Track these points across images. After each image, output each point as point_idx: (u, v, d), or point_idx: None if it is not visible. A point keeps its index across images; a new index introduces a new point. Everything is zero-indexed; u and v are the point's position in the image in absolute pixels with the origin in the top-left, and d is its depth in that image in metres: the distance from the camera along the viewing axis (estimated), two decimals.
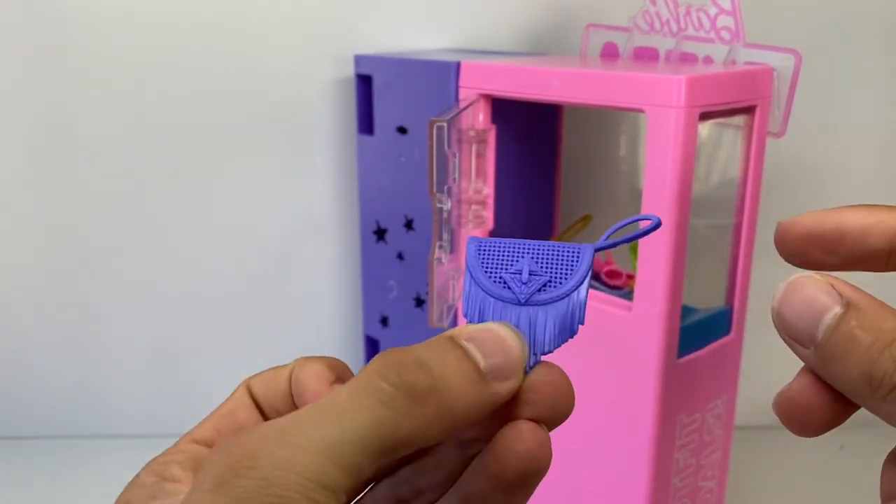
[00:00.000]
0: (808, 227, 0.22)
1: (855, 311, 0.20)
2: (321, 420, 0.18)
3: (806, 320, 0.20)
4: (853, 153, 0.71)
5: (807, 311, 0.20)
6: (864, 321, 0.20)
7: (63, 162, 0.66)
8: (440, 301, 0.48)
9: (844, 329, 0.20)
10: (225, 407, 0.26)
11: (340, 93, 0.67)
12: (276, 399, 0.25)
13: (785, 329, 0.21)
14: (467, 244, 0.23)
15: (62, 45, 0.64)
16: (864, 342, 0.19)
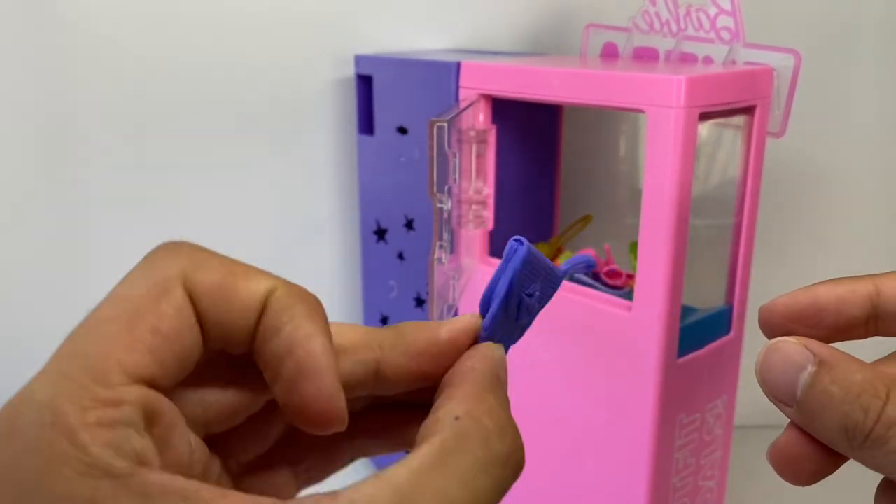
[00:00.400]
0: (787, 308, 0.24)
1: (827, 368, 0.21)
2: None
3: (785, 381, 0.22)
4: (853, 153, 0.71)
5: (784, 372, 0.22)
6: (835, 376, 0.21)
7: (64, 163, 0.66)
8: (440, 301, 0.48)
9: (819, 386, 0.21)
10: (163, 321, 0.18)
11: (341, 93, 0.67)
12: (233, 326, 0.20)
13: (768, 391, 0.22)
14: (514, 247, 0.24)
15: (63, 46, 0.64)
16: (837, 396, 0.21)
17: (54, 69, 0.64)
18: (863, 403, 0.21)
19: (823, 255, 0.74)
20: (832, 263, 0.74)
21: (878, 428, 0.20)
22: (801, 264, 0.74)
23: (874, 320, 0.24)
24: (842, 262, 0.75)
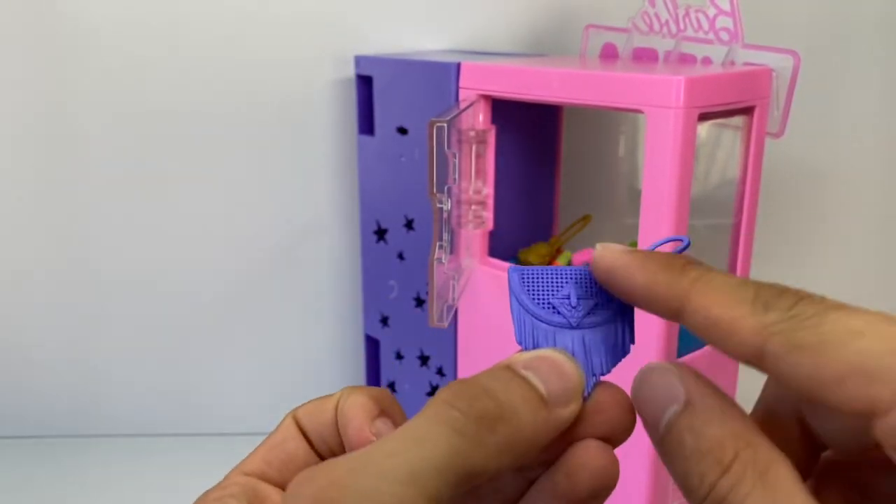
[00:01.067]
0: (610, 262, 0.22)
1: (689, 412, 0.19)
2: (401, 449, 0.18)
3: (653, 412, 0.20)
4: (852, 153, 0.71)
5: (653, 402, 0.20)
6: (693, 423, 0.19)
7: (64, 163, 0.67)
8: (440, 301, 0.48)
9: (675, 432, 0.19)
10: (273, 438, 0.26)
11: (341, 93, 0.67)
12: (323, 429, 0.26)
13: (639, 413, 0.21)
14: (509, 274, 0.23)
15: (63, 47, 0.64)
16: (687, 448, 0.19)
17: (55, 69, 0.64)
18: (703, 468, 0.19)
19: (822, 255, 0.74)
20: (831, 263, 0.75)
21: (707, 502, 0.18)
22: (800, 264, 0.75)
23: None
24: (840, 262, 0.75)
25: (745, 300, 0.18)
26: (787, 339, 0.17)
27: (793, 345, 0.17)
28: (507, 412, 0.19)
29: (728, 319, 0.18)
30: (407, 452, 0.18)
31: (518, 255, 0.56)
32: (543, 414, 0.20)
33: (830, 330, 0.17)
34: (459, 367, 0.57)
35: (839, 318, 0.17)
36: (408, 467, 0.18)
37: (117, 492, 0.66)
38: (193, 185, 0.68)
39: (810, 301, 0.18)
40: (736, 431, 0.19)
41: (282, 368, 0.74)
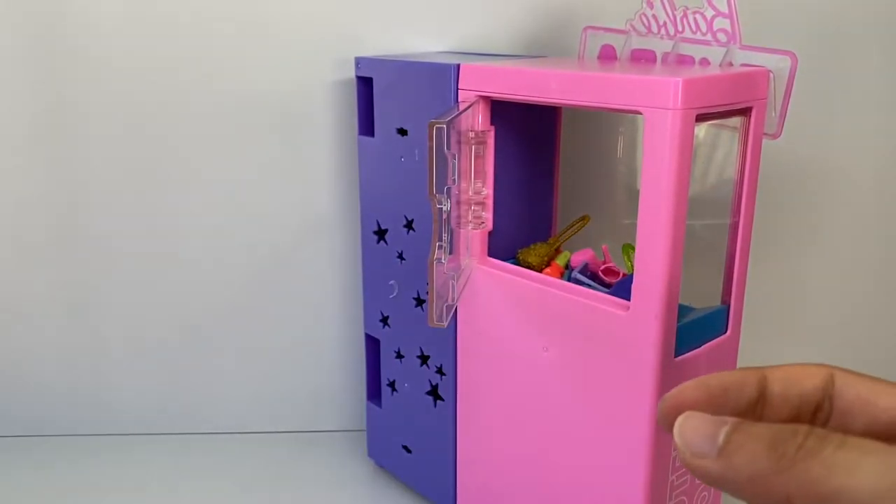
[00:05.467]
0: (697, 392, 0.25)
1: (745, 424, 0.23)
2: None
3: (704, 434, 0.23)
4: (849, 154, 0.72)
5: (704, 428, 0.23)
6: (754, 426, 0.23)
7: (64, 163, 0.67)
8: (440, 300, 0.49)
9: (741, 430, 0.22)
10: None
11: (341, 95, 0.67)
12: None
13: (686, 445, 0.23)
14: None
15: (64, 48, 0.64)
16: (762, 429, 0.22)
17: (55, 69, 0.65)
18: (790, 428, 0.22)
19: (820, 256, 0.75)
20: (828, 264, 0.75)
21: (810, 440, 0.21)
22: (798, 264, 0.75)
23: (762, 405, 0.26)
24: (838, 263, 0.75)
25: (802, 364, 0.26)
26: (841, 369, 0.25)
27: (847, 371, 0.25)
28: None
29: (801, 366, 0.27)
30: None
31: (517, 255, 0.56)
32: None
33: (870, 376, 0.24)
34: (459, 366, 0.57)
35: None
36: None
37: (117, 492, 0.66)
38: (194, 186, 0.68)
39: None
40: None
41: (282, 368, 0.74)
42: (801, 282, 0.75)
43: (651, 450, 0.45)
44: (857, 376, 0.25)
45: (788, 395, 0.26)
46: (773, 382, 0.26)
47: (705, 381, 0.26)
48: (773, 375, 0.26)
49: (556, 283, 0.50)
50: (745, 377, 0.26)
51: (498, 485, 0.56)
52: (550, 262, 0.55)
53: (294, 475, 0.69)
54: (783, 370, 0.26)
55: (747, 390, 0.26)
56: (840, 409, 0.25)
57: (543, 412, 0.51)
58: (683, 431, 0.23)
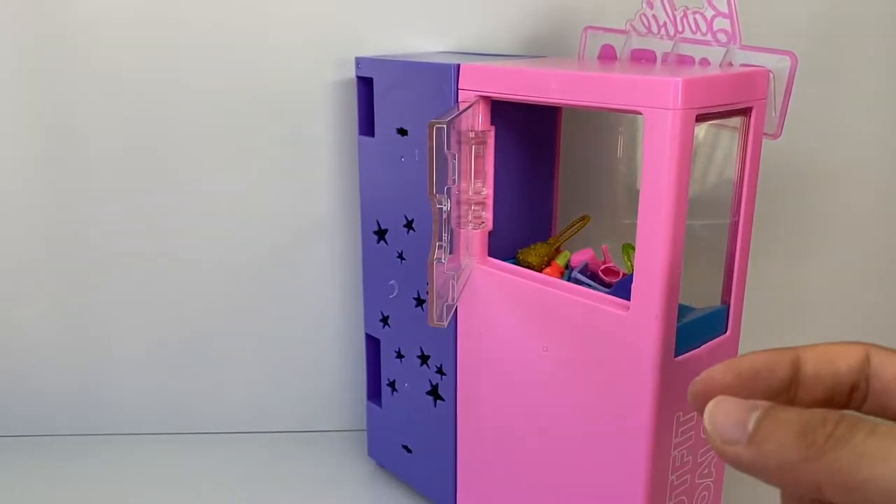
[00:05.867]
0: (726, 374, 0.25)
1: (777, 408, 0.22)
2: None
3: (735, 420, 0.22)
4: (849, 154, 0.72)
5: (735, 413, 0.22)
6: (786, 410, 0.22)
7: (64, 163, 0.67)
8: (440, 300, 0.49)
9: (772, 415, 0.22)
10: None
11: (341, 95, 0.67)
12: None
13: (717, 432, 0.23)
14: None
15: (64, 48, 0.64)
16: (793, 414, 0.21)
17: (55, 69, 0.65)
18: (820, 414, 0.21)
19: (820, 256, 0.75)
20: (828, 264, 0.75)
21: (840, 427, 0.20)
22: (798, 264, 0.75)
23: (796, 386, 0.25)
24: (838, 263, 0.75)
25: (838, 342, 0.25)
26: (878, 347, 0.24)
27: (884, 350, 0.24)
28: None
29: (836, 346, 0.25)
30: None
31: (517, 255, 0.56)
32: None
33: None
34: (459, 366, 0.57)
35: None
36: None
37: (117, 492, 0.66)
38: (194, 186, 0.68)
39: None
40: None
41: (282, 368, 0.74)
42: (801, 282, 0.76)
43: (651, 450, 0.45)
44: (895, 354, 0.25)
45: (822, 375, 0.25)
46: (807, 363, 0.25)
47: (735, 363, 0.25)
48: (807, 355, 0.25)
49: (556, 283, 0.50)
50: (778, 358, 0.25)
51: (498, 484, 0.56)
52: (550, 262, 0.55)
53: (294, 475, 0.69)
54: (817, 349, 0.25)
55: (780, 372, 0.25)
56: (876, 390, 0.24)
57: (543, 412, 0.51)
58: (714, 417, 0.23)
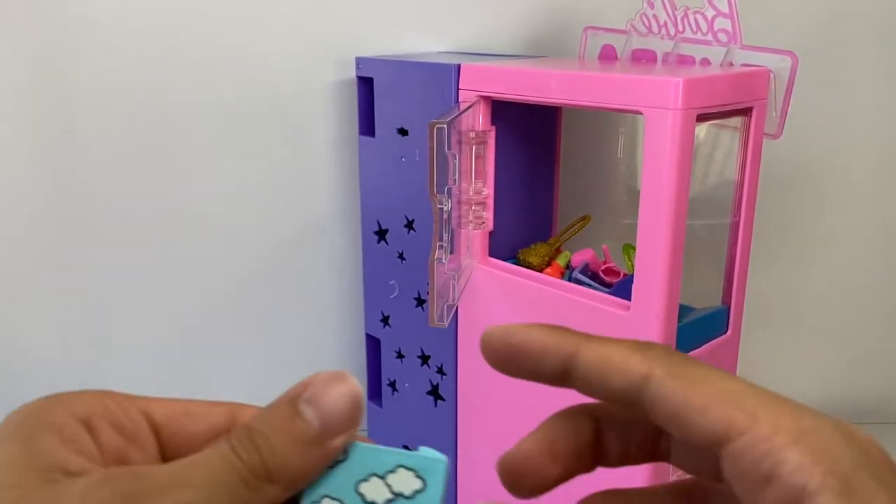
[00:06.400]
0: (500, 342, 0.24)
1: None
2: (196, 483, 0.20)
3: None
4: (849, 154, 0.72)
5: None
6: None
7: (64, 163, 0.67)
8: (440, 300, 0.49)
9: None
10: (200, 408, 0.25)
11: (342, 95, 0.67)
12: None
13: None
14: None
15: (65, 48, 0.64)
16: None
17: (56, 70, 0.65)
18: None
19: (819, 256, 0.75)
20: (828, 264, 0.75)
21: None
22: (798, 264, 0.75)
23: (567, 379, 0.24)
24: (837, 263, 0.75)
25: (630, 346, 0.22)
26: (667, 369, 0.21)
27: (671, 374, 0.20)
28: (279, 462, 0.21)
29: (619, 356, 0.21)
30: (200, 490, 0.20)
31: (518, 255, 0.56)
32: (314, 454, 0.22)
33: (700, 371, 0.20)
34: (459, 366, 0.57)
35: (707, 367, 0.21)
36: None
37: None
38: (194, 186, 0.68)
39: (679, 352, 0.22)
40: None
41: (283, 367, 0.74)
42: (801, 282, 0.75)
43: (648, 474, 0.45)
44: (678, 382, 0.22)
45: (595, 387, 0.23)
46: (579, 368, 0.23)
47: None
48: (585, 358, 0.23)
49: (557, 283, 0.50)
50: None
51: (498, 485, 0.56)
52: (551, 262, 0.55)
53: None
54: (599, 354, 0.23)
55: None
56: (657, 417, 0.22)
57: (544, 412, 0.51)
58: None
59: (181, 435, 0.24)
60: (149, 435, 0.23)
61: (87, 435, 0.21)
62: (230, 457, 0.21)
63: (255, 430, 0.22)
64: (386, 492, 0.23)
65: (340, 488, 0.23)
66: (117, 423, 0.22)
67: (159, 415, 0.24)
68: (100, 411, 0.22)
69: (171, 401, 0.24)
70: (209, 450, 0.21)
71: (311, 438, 0.22)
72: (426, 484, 0.23)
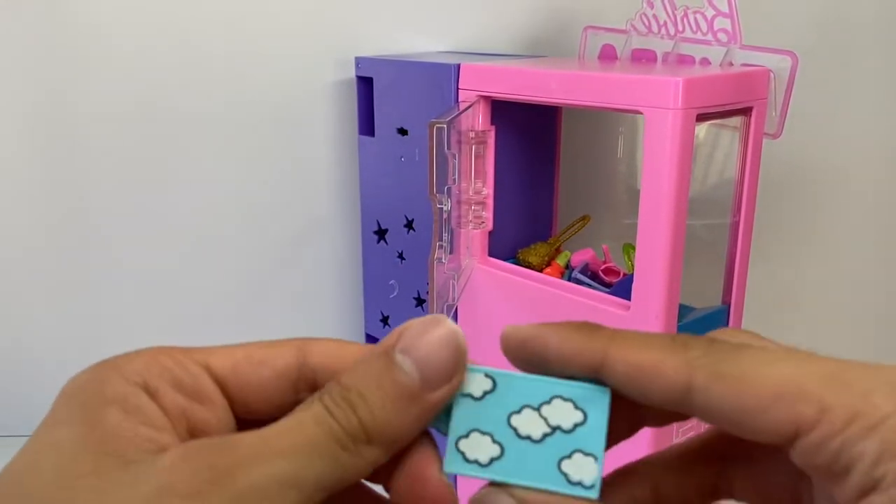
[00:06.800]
0: (522, 343, 0.21)
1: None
2: (291, 451, 0.18)
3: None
4: (849, 154, 0.72)
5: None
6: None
7: (65, 163, 0.67)
8: (440, 300, 0.49)
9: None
10: (266, 353, 0.22)
11: (341, 94, 0.67)
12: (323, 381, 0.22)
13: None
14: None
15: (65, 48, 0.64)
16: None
17: (57, 70, 0.65)
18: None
19: (820, 256, 0.75)
20: (829, 263, 0.75)
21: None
22: (798, 264, 0.75)
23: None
24: (838, 262, 0.75)
25: (664, 345, 0.19)
26: (710, 371, 0.18)
27: (717, 376, 0.18)
28: (378, 422, 0.19)
29: (652, 361, 0.19)
30: (296, 458, 0.18)
31: (517, 254, 0.56)
32: (415, 410, 0.20)
33: (749, 360, 0.18)
34: None
35: (755, 351, 0.18)
36: (293, 472, 0.18)
37: None
38: (194, 186, 0.68)
39: (723, 341, 0.19)
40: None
41: None
42: (801, 282, 0.75)
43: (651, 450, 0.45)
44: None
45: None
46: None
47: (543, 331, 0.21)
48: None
49: (557, 283, 0.50)
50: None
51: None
52: (551, 262, 0.55)
53: None
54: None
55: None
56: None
57: None
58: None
59: (249, 386, 0.21)
60: (214, 389, 0.21)
61: (150, 401, 0.20)
62: (325, 418, 0.19)
63: (348, 388, 0.20)
64: (542, 425, 0.20)
65: (490, 421, 0.20)
66: (178, 382, 0.20)
67: (220, 366, 0.21)
68: (157, 372, 0.20)
69: (229, 348, 0.22)
70: (300, 411, 0.19)
71: (410, 393, 0.20)
72: (587, 416, 0.20)
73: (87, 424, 0.19)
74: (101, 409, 0.19)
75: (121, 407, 0.19)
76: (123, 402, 0.19)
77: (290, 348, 0.22)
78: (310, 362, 0.22)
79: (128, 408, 0.19)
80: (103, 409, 0.19)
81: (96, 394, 0.19)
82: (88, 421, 0.19)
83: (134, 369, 0.20)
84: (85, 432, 0.18)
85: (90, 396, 0.19)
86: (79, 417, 0.19)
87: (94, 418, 0.19)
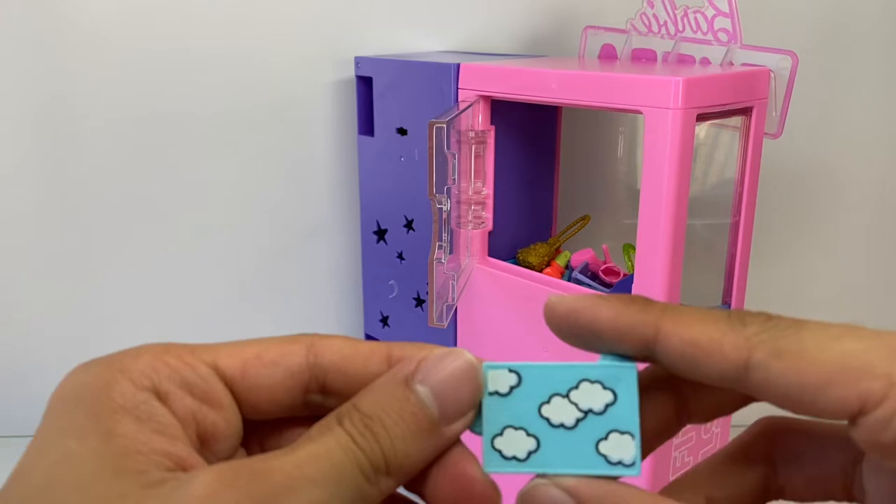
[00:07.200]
0: (568, 312, 0.21)
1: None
2: (322, 480, 0.18)
3: None
4: (849, 154, 0.72)
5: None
6: None
7: (65, 163, 0.67)
8: (440, 300, 0.49)
9: None
10: (276, 349, 0.21)
11: (341, 94, 0.67)
12: (345, 386, 0.22)
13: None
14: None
15: (65, 48, 0.64)
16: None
17: (57, 70, 0.65)
18: None
19: (820, 255, 0.75)
20: (829, 263, 0.75)
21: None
22: (798, 264, 0.75)
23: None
24: (838, 263, 0.75)
25: (720, 319, 0.19)
26: (770, 347, 0.18)
27: (777, 352, 0.18)
28: (399, 454, 0.19)
29: (708, 337, 0.18)
30: (327, 487, 0.18)
31: (517, 255, 0.56)
32: (432, 443, 0.20)
33: (810, 336, 0.18)
34: None
35: (815, 325, 0.18)
36: (323, 499, 0.18)
37: None
38: (194, 186, 0.68)
39: (780, 316, 0.19)
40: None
41: None
42: (801, 282, 0.75)
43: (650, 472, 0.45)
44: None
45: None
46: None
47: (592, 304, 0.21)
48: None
49: (557, 284, 0.50)
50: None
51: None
52: (551, 262, 0.55)
53: None
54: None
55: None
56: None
57: None
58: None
59: (259, 387, 0.21)
60: (223, 391, 0.20)
61: (161, 406, 0.19)
62: (352, 448, 0.19)
63: (370, 416, 0.19)
64: (574, 410, 0.20)
65: (522, 415, 0.20)
66: (188, 385, 0.20)
67: (229, 366, 0.21)
68: (166, 374, 0.20)
69: (236, 346, 0.21)
70: (323, 436, 0.19)
71: (430, 427, 0.19)
72: (617, 395, 0.20)
73: (100, 436, 0.18)
74: (113, 418, 0.18)
75: (133, 415, 0.18)
76: (135, 410, 0.19)
77: (301, 346, 0.21)
78: (321, 362, 0.21)
79: (140, 416, 0.18)
80: (115, 418, 0.18)
81: (105, 399, 0.19)
82: (101, 432, 0.18)
83: (141, 371, 0.19)
84: (100, 446, 0.18)
85: (99, 403, 0.19)
86: (91, 428, 0.18)
87: (107, 429, 0.18)
